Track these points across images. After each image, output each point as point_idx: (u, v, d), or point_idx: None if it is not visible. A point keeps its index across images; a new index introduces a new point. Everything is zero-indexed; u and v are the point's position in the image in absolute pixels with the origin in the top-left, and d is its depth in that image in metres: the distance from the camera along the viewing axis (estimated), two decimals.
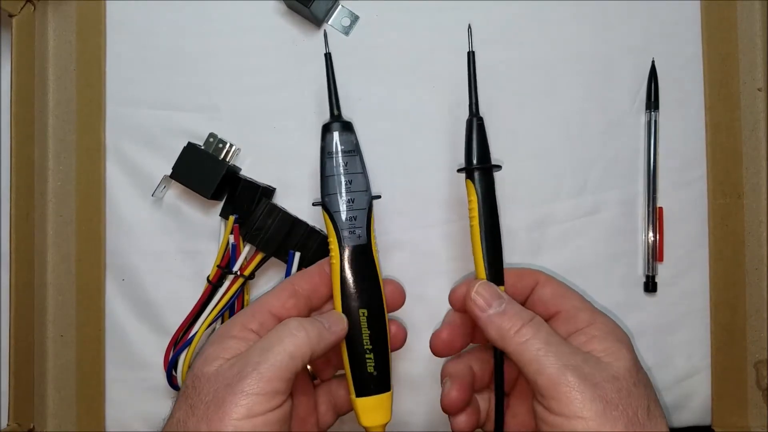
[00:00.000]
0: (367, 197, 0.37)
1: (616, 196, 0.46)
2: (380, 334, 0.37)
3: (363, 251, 0.37)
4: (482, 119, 0.37)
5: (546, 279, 0.38)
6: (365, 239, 0.37)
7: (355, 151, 0.37)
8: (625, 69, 0.46)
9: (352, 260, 0.37)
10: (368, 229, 0.37)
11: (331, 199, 0.37)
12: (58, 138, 0.45)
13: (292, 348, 0.32)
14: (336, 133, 0.37)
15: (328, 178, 0.37)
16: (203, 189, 0.43)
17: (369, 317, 0.36)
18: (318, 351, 0.33)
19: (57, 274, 0.45)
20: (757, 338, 0.45)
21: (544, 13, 0.46)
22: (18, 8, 0.43)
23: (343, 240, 0.37)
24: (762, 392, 0.45)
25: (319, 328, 0.34)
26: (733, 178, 0.46)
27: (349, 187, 0.37)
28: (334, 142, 0.37)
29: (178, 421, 0.32)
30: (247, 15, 0.45)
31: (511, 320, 0.34)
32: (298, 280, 0.38)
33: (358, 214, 0.37)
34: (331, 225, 0.37)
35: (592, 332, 0.34)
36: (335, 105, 0.38)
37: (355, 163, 0.37)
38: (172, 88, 0.45)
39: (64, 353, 0.45)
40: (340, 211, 0.37)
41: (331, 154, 0.37)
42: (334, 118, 0.38)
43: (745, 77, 0.46)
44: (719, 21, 0.46)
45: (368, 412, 0.36)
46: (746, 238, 0.46)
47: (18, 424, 0.42)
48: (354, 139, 0.38)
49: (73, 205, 0.45)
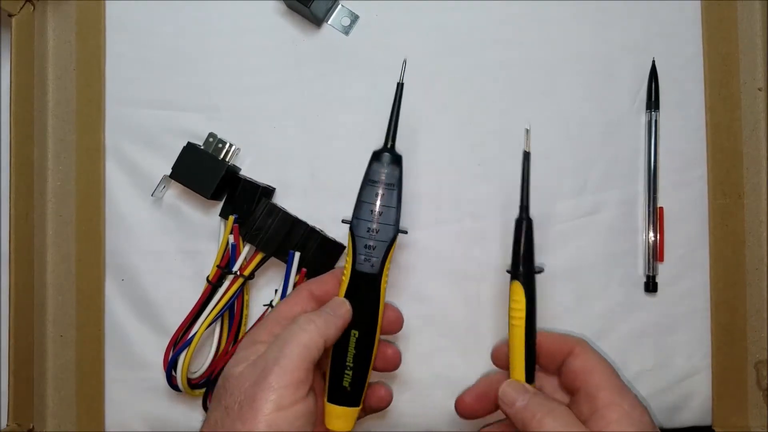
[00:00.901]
0: (393, 231, 0.38)
1: (617, 196, 0.46)
2: (364, 357, 0.38)
3: (372, 280, 0.38)
4: (532, 220, 0.38)
5: (580, 350, 0.38)
6: (377, 269, 0.38)
7: (395, 185, 0.38)
8: (625, 69, 0.46)
9: (359, 285, 0.38)
10: (383, 261, 0.38)
11: (359, 223, 0.38)
12: (58, 138, 0.45)
13: (305, 339, 0.34)
14: (384, 164, 0.38)
15: (362, 203, 0.38)
16: (203, 189, 0.43)
17: (359, 339, 0.38)
18: (330, 336, 0.36)
19: (57, 274, 0.45)
20: (757, 338, 0.45)
21: (544, 13, 0.46)
22: (17, 8, 0.43)
23: (357, 264, 0.38)
24: (762, 392, 0.45)
25: (326, 317, 0.36)
26: (733, 178, 0.46)
27: (378, 218, 0.38)
28: (378, 172, 0.38)
29: (215, 423, 0.33)
30: (247, 15, 0.45)
31: (533, 411, 0.35)
32: (313, 286, 0.40)
33: (378, 245, 0.38)
34: (351, 246, 0.38)
35: (610, 415, 0.34)
36: (392, 136, 0.39)
37: (392, 196, 0.38)
38: (172, 87, 0.45)
39: (63, 353, 0.45)
40: (363, 237, 0.38)
41: (373, 183, 0.38)
42: (387, 149, 0.38)
43: (746, 77, 0.46)
44: (719, 21, 0.46)
45: (333, 417, 0.38)
46: (746, 238, 0.46)
47: (18, 424, 0.42)
48: (398, 174, 0.38)
49: (73, 205, 0.45)
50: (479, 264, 0.45)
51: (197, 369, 0.43)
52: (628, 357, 0.45)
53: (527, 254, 0.37)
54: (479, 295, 0.45)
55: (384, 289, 0.38)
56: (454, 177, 0.45)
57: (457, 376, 0.45)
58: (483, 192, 0.45)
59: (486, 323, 0.45)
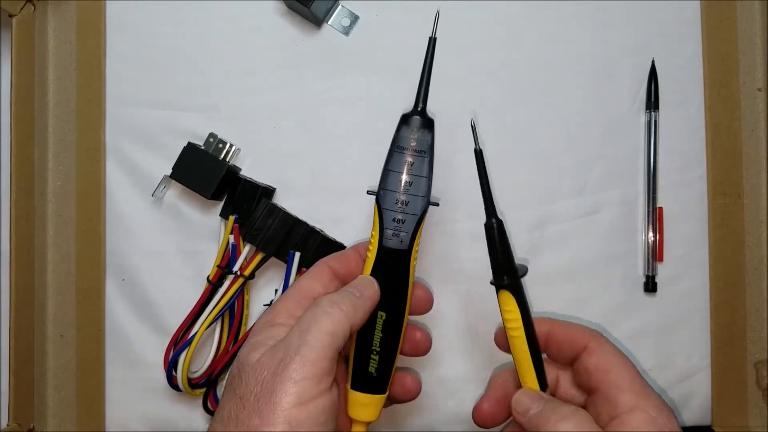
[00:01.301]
0: (423, 203, 0.35)
1: (616, 196, 0.46)
2: (391, 340, 0.36)
3: (400, 257, 0.35)
4: (501, 221, 0.35)
5: (596, 345, 0.34)
6: (407, 245, 0.35)
7: (426, 152, 0.35)
8: (625, 69, 0.46)
9: (386, 262, 0.35)
10: (413, 236, 0.35)
11: (386, 194, 0.35)
12: (58, 138, 0.45)
13: (330, 326, 0.31)
14: (413, 128, 0.35)
15: (389, 172, 0.35)
16: (203, 189, 0.43)
17: (386, 321, 0.35)
18: (357, 322, 0.33)
19: (57, 274, 0.45)
20: (757, 338, 0.45)
21: (544, 13, 0.46)
22: (18, 8, 0.43)
23: (384, 239, 0.35)
24: (762, 392, 0.45)
25: (352, 299, 0.33)
26: (733, 178, 0.46)
27: (408, 189, 0.35)
28: (408, 137, 0.35)
29: (229, 416, 0.30)
30: (247, 15, 0.45)
31: (548, 416, 0.32)
32: (335, 263, 0.37)
33: (407, 218, 0.35)
34: (378, 220, 0.35)
35: (633, 421, 0.31)
36: (423, 97, 0.35)
37: (422, 164, 0.35)
38: (172, 88, 0.45)
39: (64, 353, 0.45)
40: (391, 210, 0.35)
41: (401, 149, 0.35)
42: (417, 112, 0.35)
43: (745, 77, 0.46)
44: (719, 21, 0.46)
45: (358, 406, 0.36)
46: (746, 238, 0.46)
47: (18, 424, 0.42)
48: (430, 139, 0.35)
49: (73, 205, 0.45)
50: (479, 264, 0.45)
51: (197, 369, 0.43)
52: (628, 357, 0.45)
53: (505, 259, 0.34)
54: (479, 295, 0.45)
55: (414, 267, 0.36)
56: (454, 177, 0.45)
57: (456, 376, 0.45)
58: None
59: (486, 323, 0.45)
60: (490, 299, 0.45)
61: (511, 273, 0.34)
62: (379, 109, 0.45)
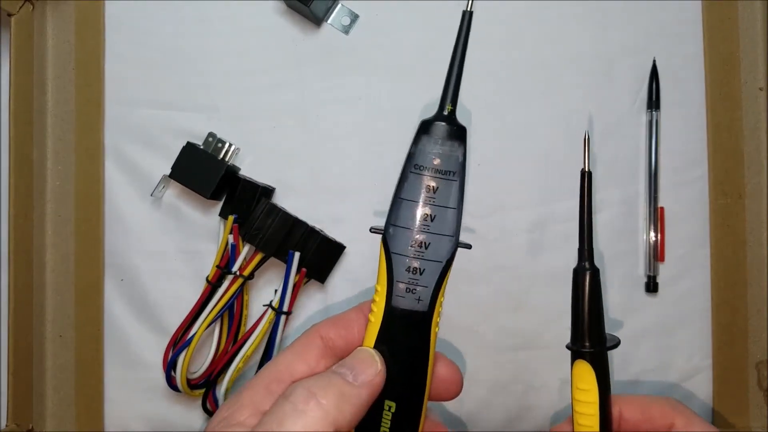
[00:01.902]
0: (450, 246, 0.26)
1: (617, 195, 0.46)
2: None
3: (418, 322, 0.26)
4: (598, 270, 0.27)
5: (684, 423, 0.28)
6: (426, 305, 0.26)
7: (456, 173, 0.26)
8: (626, 68, 0.46)
9: (397, 330, 0.26)
10: (435, 293, 0.26)
11: (397, 233, 0.26)
12: (57, 137, 0.45)
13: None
14: (438, 139, 0.26)
15: (402, 201, 0.26)
16: (202, 189, 0.43)
17: (396, 414, 0.26)
18: (346, 421, 0.23)
19: (56, 274, 0.45)
20: (758, 338, 0.45)
21: (544, 13, 0.45)
22: (17, 8, 0.43)
23: (394, 297, 0.26)
24: (763, 393, 0.45)
25: (339, 388, 0.24)
26: (734, 178, 0.46)
27: (429, 226, 0.26)
28: (429, 153, 0.26)
29: None
30: (247, 14, 0.45)
31: None
32: (330, 331, 0.28)
33: (428, 267, 0.26)
34: (385, 269, 0.26)
35: None
36: (452, 96, 0.27)
37: (449, 191, 0.26)
38: (171, 87, 0.45)
39: (63, 353, 0.45)
40: (405, 255, 0.26)
41: (420, 169, 0.26)
42: (443, 117, 0.26)
43: (746, 77, 0.46)
44: (720, 20, 0.46)
45: None
46: (747, 238, 0.46)
47: (17, 424, 0.42)
48: (461, 155, 0.26)
49: (72, 205, 0.45)
50: (479, 264, 0.45)
51: (197, 369, 0.43)
52: (629, 357, 0.45)
53: (594, 320, 0.27)
54: (479, 295, 0.45)
55: (435, 336, 0.27)
56: None
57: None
58: (483, 192, 0.45)
59: (485, 324, 0.45)
60: (491, 299, 0.45)
61: (597, 339, 0.26)
62: (379, 108, 0.45)
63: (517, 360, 0.45)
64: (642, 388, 0.45)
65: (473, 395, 0.45)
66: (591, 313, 0.27)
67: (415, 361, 0.26)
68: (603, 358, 0.26)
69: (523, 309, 0.45)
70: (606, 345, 0.26)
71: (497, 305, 0.45)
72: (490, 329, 0.45)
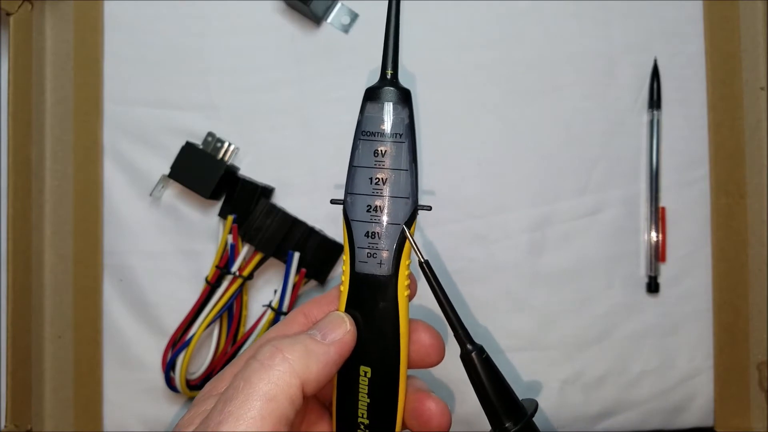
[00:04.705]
0: (407, 207, 0.26)
1: (618, 195, 0.45)
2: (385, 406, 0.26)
3: (382, 286, 0.26)
4: (483, 349, 0.26)
5: None
6: (388, 269, 0.26)
7: (403, 135, 0.26)
8: (627, 68, 0.45)
9: (365, 296, 0.26)
10: (398, 255, 0.26)
11: (354, 201, 0.26)
12: (56, 137, 0.45)
13: (266, 387, 0.22)
14: (384, 103, 0.26)
15: (356, 169, 0.26)
16: (202, 188, 0.43)
17: (372, 380, 0.26)
18: (313, 377, 0.23)
19: (54, 274, 0.45)
20: (759, 339, 0.45)
21: (545, 12, 0.45)
22: (15, 7, 0.42)
23: (357, 263, 0.26)
24: (765, 393, 0.45)
25: (306, 344, 0.24)
26: (735, 177, 0.45)
27: (382, 190, 0.26)
28: (376, 118, 0.26)
29: None
30: (246, 13, 0.45)
31: None
32: (313, 308, 0.29)
33: (386, 230, 0.25)
34: (347, 238, 0.26)
35: None
36: (391, 61, 0.27)
37: (400, 153, 0.26)
38: (170, 86, 0.45)
39: (61, 354, 0.45)
40: (363, 221, 0.26)
41: (369, 135, 0.26)
42: (386, 81, 0.27)
43: (748, 76, 0.46)
44: (721, 20, 0.46)
45: None
46: (749, 238, 0.45)
47: (15, 425, 0.42)
48: (407, 116, 0.26)
49: (71, 205, 0.45)
50: (479, 264, 0.45)
51: (196, 370, 0.43)
52: (630, 358, 0.45)
53: (502, 396, 0.24)
54: (479, 295, 0.45)
55: (405, 299, 0.27)
56: (454, 177, 0.45)
57: (457, 377, 0.44)
58: (483, 192, 0.45)
59: (485, 324, 0.45)
60: (491, 299, 0.45)
61: (515, 413, 0.24)
62: None
63: (517, 360, 0.45)
64: (643, 388, 0.45)
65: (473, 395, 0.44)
66: (497, 391, 0.25)
67: (386, 325, 0.26)
68: (530, 428, 0.25)
69: (523, 309, 0.45)
70: (527, 414, 0.25)
71: (497, 305, 0.45)
72: (490, 329, 0.45)
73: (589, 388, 0.45)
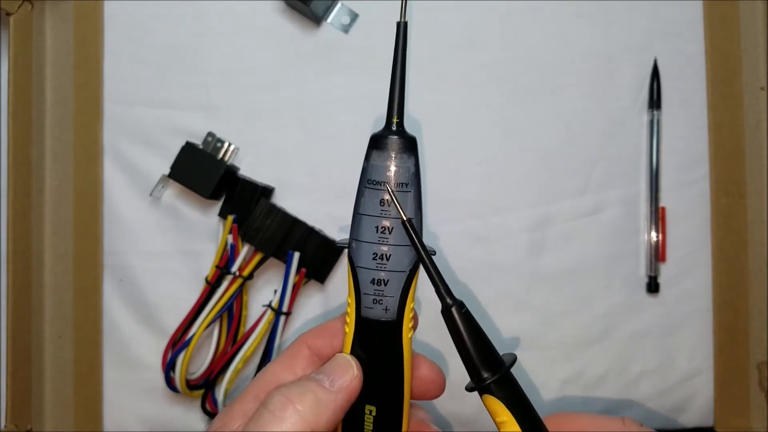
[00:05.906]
0: (412, 256, 0.26)
1: (618, 195, 0.45)
2: None
3: (387, 331, 0.26)
4: (463, 303, 0.26)
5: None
6: (393, 314, 0.26)
7: (409, 184, 0.26)
8: (627, 68, 0.45)
9: (371, 339, 0.26)
10: (402, 302, 0.26)
11: (359, 247, 0.26)
12: (56, 137, 0.45)
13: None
14: (389, 153, 0.26)
15: (361, 216, 0.26)
16: (202, 188, 0.43)
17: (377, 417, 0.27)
18: (323, 426, 0.24)
19: (54, 274, 0.45)
20: (759, 339, 0.45)
21: (546, 12, 0.45)
22: (15, 7, 0.42)
23: (362, 309, 0.26)
24: (765, 393, 0.45)
25: (315, 393, 0.25)
26: (735, 177, 0.45)
27: (388, 238, 0.26)
28: (382, 167, 0.26)
29: None
30: (246, 13, 0.45)
31: None
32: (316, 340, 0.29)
33: (392, 277, 0.26)
34: (352, 282, 0.26)
35: None
36: (397, 109, 0.27)
37: (405, 202, 0.26)
38: (170, 86, 0.45)
39: (61, 354, 0.45)
40: (368, 268, 0.26)
41: (374, 183, 0.26)
42: (392, 131, 0.27)
43: (748, 76, 0.46)
44: (722, 20, 0.46)
45: None
46: (749, 238, 0.45)
47: (15, 425, 0.42)
48: (413, 165, 0.26)
49: (71, 205, 0.45)
50: (479, 264, 0.45)
51: (196, 370, 0.43)
52: (630, 358, 0.45)
53: (481, 348, 0.25)
54: (479, 295, 0.45)
55: (409, 341, 0.27)
56: (454, 176, 0.45)
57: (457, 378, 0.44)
58: (483, 192, 0.45)
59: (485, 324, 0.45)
60: (491, 299, 0.45)
61: (492, 366, 0.25)
62: (379, 107, 0.45)
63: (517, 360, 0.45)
64: (643, 388, 0.45)
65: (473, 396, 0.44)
66: (475, 344, 0.25)
67: (391, 366, 0.27)
68: (508, 382, 0.25)
69: (523, 309, 0.45)
70: (504, 366, 0.25)
71: (497, 305, 0.45)
72: (489, 329, 0.45)
73: (589, 388, 0.45)
